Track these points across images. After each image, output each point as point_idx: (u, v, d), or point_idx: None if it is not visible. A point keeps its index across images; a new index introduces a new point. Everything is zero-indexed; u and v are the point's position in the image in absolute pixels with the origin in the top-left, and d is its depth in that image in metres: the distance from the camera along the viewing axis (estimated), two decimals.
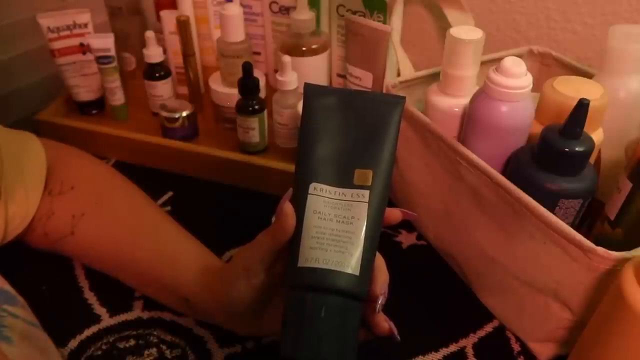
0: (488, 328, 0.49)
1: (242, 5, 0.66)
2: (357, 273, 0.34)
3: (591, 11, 0.63)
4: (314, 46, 0.66)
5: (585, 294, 0.40)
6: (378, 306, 0.37)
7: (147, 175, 0.66)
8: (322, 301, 0.34)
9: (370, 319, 0.37)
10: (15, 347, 0.35)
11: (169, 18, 0.71)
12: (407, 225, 0.60)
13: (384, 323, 0.38)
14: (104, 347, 0.46)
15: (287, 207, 0.36)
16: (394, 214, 0.38)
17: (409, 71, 0.65)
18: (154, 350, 0.46)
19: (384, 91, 0.60)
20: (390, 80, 0.59)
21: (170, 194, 0.65)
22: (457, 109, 0.52)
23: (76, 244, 0.50)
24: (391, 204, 0.57)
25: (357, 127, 0.37)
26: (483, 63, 0.52)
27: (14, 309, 0.39)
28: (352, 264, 0.34)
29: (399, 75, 0.65)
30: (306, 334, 0.34)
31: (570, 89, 0.47)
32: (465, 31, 0.50)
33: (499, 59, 0.47)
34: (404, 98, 0.38)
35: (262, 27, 0.74)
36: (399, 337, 0.38)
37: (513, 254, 0.45)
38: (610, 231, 0.45)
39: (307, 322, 0.34)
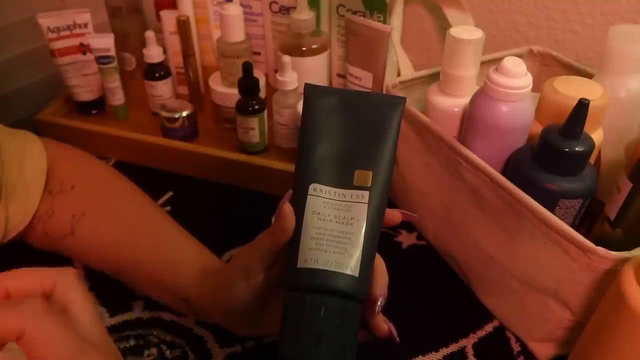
0: (488, 328, 0.49)
1: (242, 5, 0.66)
2: (356, 274, 0.34)
3: (591, 11, 0.63)
4: (314, 46, 0.66)
5: (585, 294, 0.40)
6: (377, 307, 0.36)
7: (147, 175, 0.66)
8: (321, 302, 0.34)
9: (370, 321, 0.37)
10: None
11: (169, 18, 0.71)
12: (407, 225, 0.60)
13: (383, 324, 0.38)
14: None
15: (287, 208, 0.36)
16: (394, 215, 0.38)
17: (409, 71, 0.65)
18: (154, 350, 0.46)
19: (384, 91, 0.60)
20: (390, 80, 0.59)
21: (170, 194, 0.65)
22: (457, 109, 0.52)
23: (76, 243, 0.50)
24: (391, 204, 0.57)
25: (357, 128, 0.37)
26: (483, 63, 0.52)
27: None
28: (351, 265, 0.34)
29: (399, 75, 0.65)
30: (305, 335, 0.34)
31: (570, 89, 0.47)
32: (465, 31, 0.50)
33: (499, 59, 0.47)
34: (404, 99, 0.38)
35: (262, 27, 0.74)
36: (398, 339, 0.38)
37: (513, 254, 0.45)
38: (610, 231, 0.45)
39: (306, 323, 0.34)
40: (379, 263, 0.37)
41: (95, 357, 0.27)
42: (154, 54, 0.68)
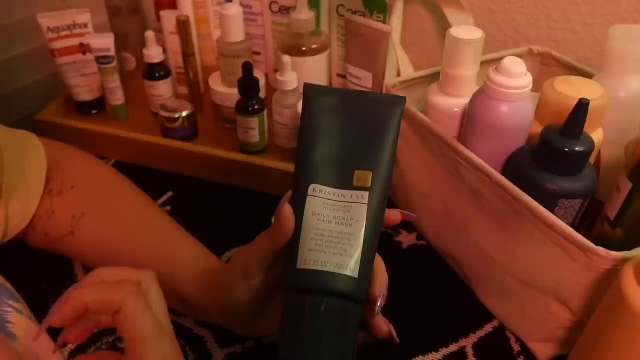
0: (488, 328, 0.49)
1: (242, 5, 0.66)
2: (356, 275, 0.34)
3: (591, 11, 0.63)
4: (314, 46, 0.66)
5: (585, 294, 0.40)
6: (377, 308, 0.36)
7: (147, 175, 0.66)
8: (321, 303, 0.34)
9: (369, 321, 0.37)
10: (20, 344, 0.35)
11: (169, 18, 0.71)
12: (407, 225, 0.60)
13: (383, 325, 0.37)
14: (103, 347, 0.46)
15: (286, 209, 0.36)
16: (394, 216, 0.38)
17: (409, 71, 0.65)
18: None
19: (384, 91, 0.60)
20: (390, 80, 0.59)
21: (170, 194, 0.65)
22: (457, 109, 0.52)
23: (76, 244, 0.50)
24: (391, 204, 0.57)
25: (356, 128, 0.37)
26: (483, 63, 0.52)
27: (19, 305, 0.39)
28: (351, 266, 0.34)
29: (399, 75, 0.65)
30: (304, 336, 0.34)
31: (570, 89, 0.47)
32: (465, 31, 0.50)
33: (499, 59, 0.47)
34: (404, 98, 0.38)
35: (262, 27, 0.74)
36: (397, 340, 0.38)
37: (513, 254, 0.45)
38: (610, 231, 0.45)
39: (306, 325, 0.34)
40: (379, 264, 0.37)
41: (168, 340, 0.32)
42: (154, 54, 0.68)
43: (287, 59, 0.61)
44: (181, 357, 0.33)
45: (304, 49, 0.65)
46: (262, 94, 0.66)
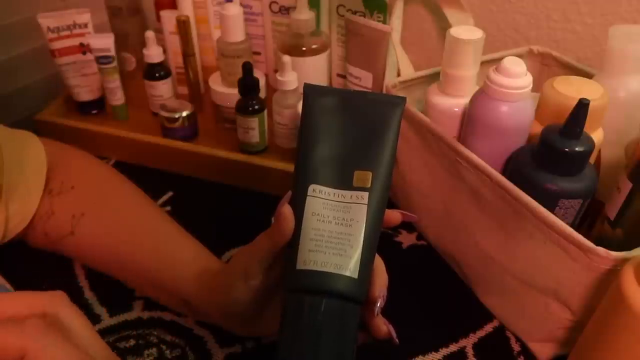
0: (488, 328, 0.49)
1: (242, 5, 0.66)
2: (355, 276, 0.34)
3: (591, 11, 0.63)
4: (314, 46, 0.66)
5: (585, 294, 0.40)
6: (377, 309, 0.36)
7: (147, 175, 0.66)
8: (320, 304, 0.34)
9: (369, 322, 0.37)
10: None
11: (169, 18, 0.71)
12: (407, 225, 0.60)
13: (383, 326, 0.37)
14: None
15: (286, 210, 0.36)
16: (394, 216, 0.38)
17: (409, 71, 0.65)
18: (154, 350, 0.46)
19: (384, 91, 0.60)
20: (390, 80, 0.59)
21: (170, 194, 0.65)
22: (457, 109, 0.52)
23: (76, 244, 0.50)
24: (391, 204, 0.57)
25: (356, 128, 0.37)
26: (483, 63, 0.52)
27: None
28: (350, 267, 0.34)
29: (399, 75, 0.65)
30: (304, 337, 0.34)
31: (570, 89, 0.47)
32: (465, 31, 0.50)
33: (499, 59, 0.47)
34: (404, 99, 0.38)
35: (262, 27, 0.74)
36: (397, 340, 0.38)
37: (513, 254, 0.45)
38: (610, 231, 0.45)
39: (305, 325, 0.34)
40: (379, 264, 0.37)
41: None
42: (154, 54, 0.68)
43: (287, 59, 0.61)
44: None
45: (304, 49, 0.65)
46: (262, 94, 0.66)
